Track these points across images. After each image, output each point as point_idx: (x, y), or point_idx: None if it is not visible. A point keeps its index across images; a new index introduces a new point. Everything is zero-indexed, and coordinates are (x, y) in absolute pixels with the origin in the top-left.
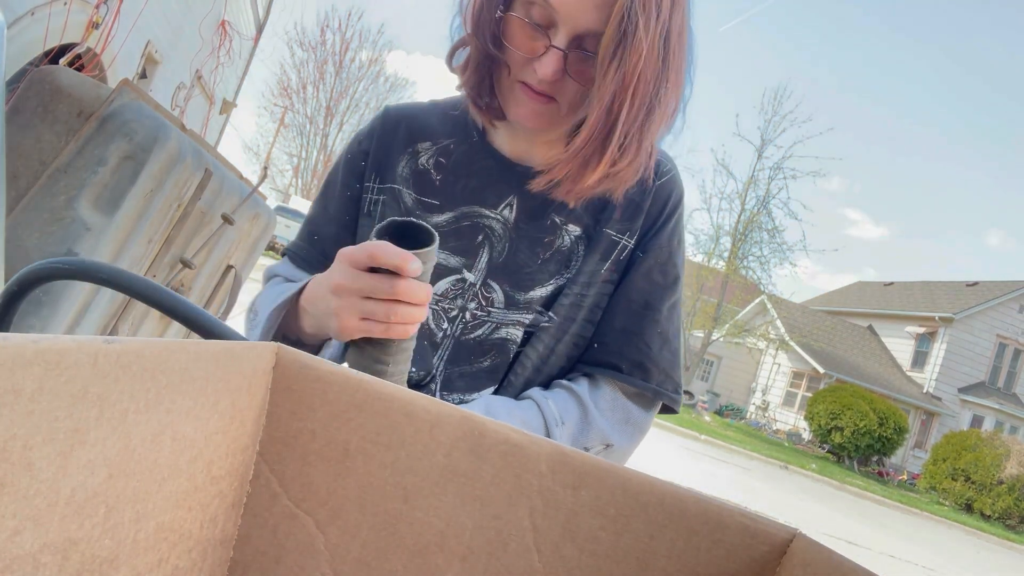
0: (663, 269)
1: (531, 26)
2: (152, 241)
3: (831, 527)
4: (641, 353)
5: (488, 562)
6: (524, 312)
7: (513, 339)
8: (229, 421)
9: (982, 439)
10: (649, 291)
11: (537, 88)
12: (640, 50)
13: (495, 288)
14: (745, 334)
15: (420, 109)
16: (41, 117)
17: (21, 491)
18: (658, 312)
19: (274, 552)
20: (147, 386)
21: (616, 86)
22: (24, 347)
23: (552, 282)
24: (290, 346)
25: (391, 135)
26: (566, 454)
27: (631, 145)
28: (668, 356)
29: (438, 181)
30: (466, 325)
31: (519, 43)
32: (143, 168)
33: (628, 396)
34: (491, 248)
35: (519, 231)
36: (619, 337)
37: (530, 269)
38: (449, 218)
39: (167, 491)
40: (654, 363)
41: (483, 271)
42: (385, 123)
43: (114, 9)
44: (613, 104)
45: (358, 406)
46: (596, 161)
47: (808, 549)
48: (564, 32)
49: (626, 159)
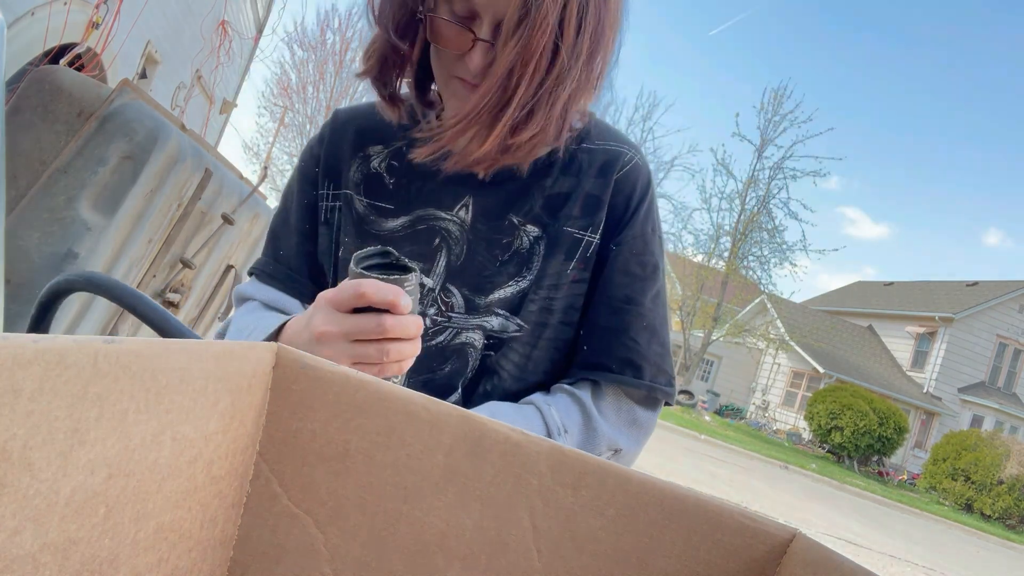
0: (640, 260)
1: (455, 23)
2: (152, 241)
3: (831, 527)
4: (630, 350)
5: (488, 562)
6: (484, 316)
7: (472, 343)
8: (229, 421)
9: (982, 439)
10: (629, 285)
11: (472, 81)
12: (545, 23)
13: (454, 292)
14: (745, 334)
15: (369, 110)
16: (41, 117)
17: (21, 491)
18: (641, 305)
19: (274, 552)
20: (147, 386)
21: (514, 59)
22: (24, 347)
23: (512, 284)
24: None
25: (340, 139)
26: (566, 454)
27: (534, 117)
28: (657, 349)
29: (391, 184)
30: (426, 331)
31: (447, 41)
32: (143, 168)
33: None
34: (448, 251)
35: (476, 232)
36: (605, 336)
37: (488, 272)
38: (404, 222)
39: (167, 491)
40: (644, 359)
41: (441, 275)
42: (335, 127)
43: (114, 9)
44: (511, 77)
45: (358, 406)
46: (486, 132)
47: (808, 549)
48: (487, 22)
49: (528, 131)
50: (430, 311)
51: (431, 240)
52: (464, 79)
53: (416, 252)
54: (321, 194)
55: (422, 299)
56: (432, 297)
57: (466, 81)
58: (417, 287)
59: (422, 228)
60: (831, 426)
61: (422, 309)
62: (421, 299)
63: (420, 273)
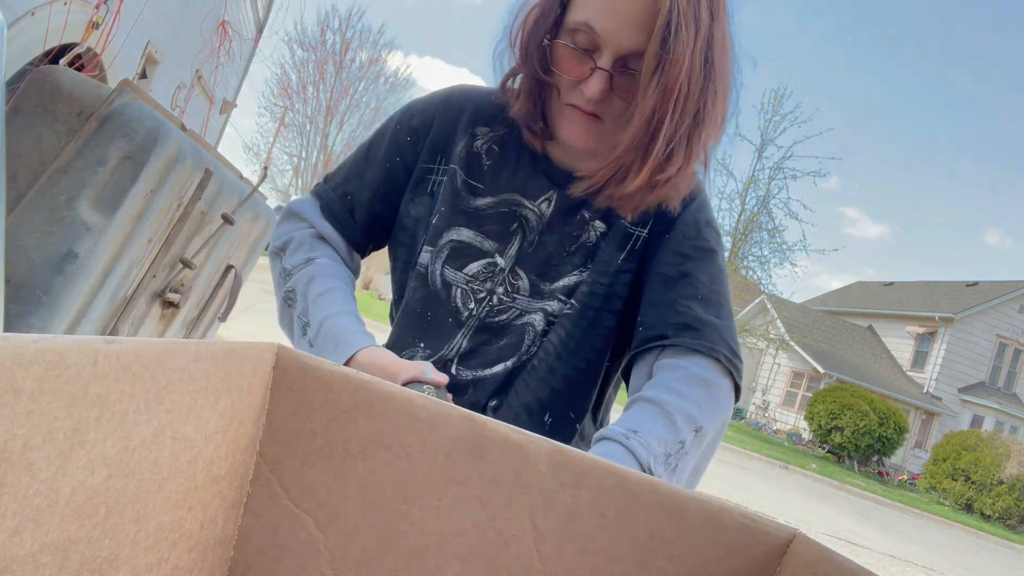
0: (693, 244)
1: (577, 51)
2: (152, 241)
3: (831, 527)
4: (683, 316)
5: (488, 562)
6: (548, 300)
7: (533, 324)
8: (229, 421)
9: (982, 439)
10: (682, 264)
11: (585, 108)
12: (681, 64)
13: (522, 276)
14: (745, 334)
15: (486, 96)
16: (41, 117)
17: (21, 491)
18: (696, 280)
19: (274, 552)
20: (147, 386)
21: (657, 100)
22: (24, 347)
23: (575, 274)
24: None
25: (455, 117)
26: (566, 454)
27: (676, 154)
28: (716, 320)
29: (487, 166)
30: (492, 308)
31: (567, 68)
32: (143, 168)
33: (693, 366)
34: (523, 237)
35: (551, 225)
36: (658, 310)
37: (556, 261)
38: (490, 202)
39: (167, 491)
40: (701, 323)
41: (513, 258)
42: (449, 105)
43: (114, 9)
44: (654, 116)
45: (358, 406)
46: (636, 170)
47: (808, 549)
48: (608, 54)
49: (672, 167)
50: (498, 290)
51: (510, 224)
52: (578, 106)
53: (495, 232)
54: (431, 167)
55: (492, 277)
56: (502, 277)
57: (579, 108)
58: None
59: (504, 211)
60: (831, 426)
61: (491, 287)
62: (491, 277)
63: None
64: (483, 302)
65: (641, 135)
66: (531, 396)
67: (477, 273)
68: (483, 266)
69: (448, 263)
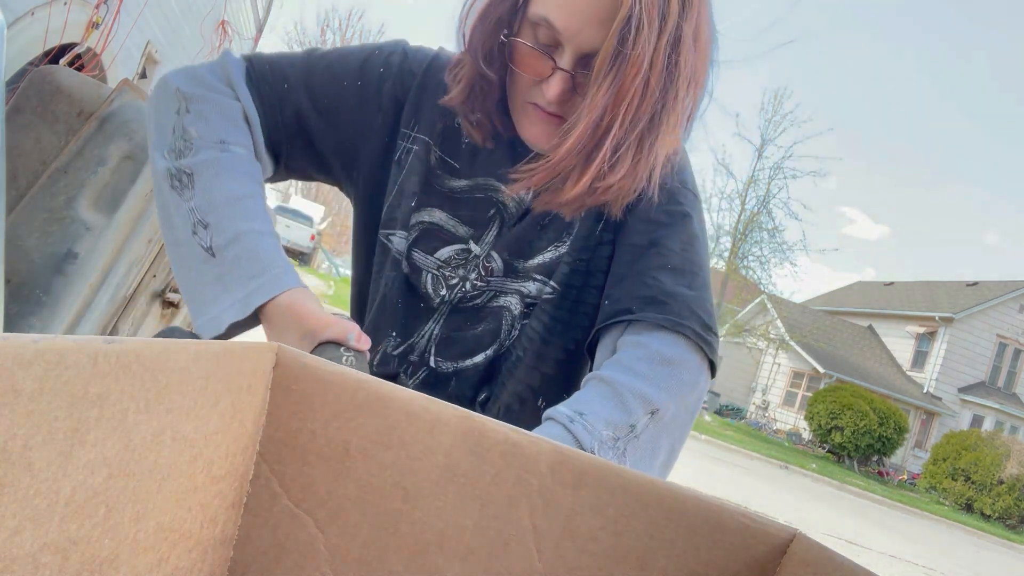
0: (665, 209)
1: (537, 50)
2: (152, 241)
3: (831, 527)
4: (650, 288)
5: (488, 562)
6: (523, 281)
7: (509, 308)
8: (229, 421)
9: (982, 439)
10: (652, 231)
11: (547, 109)
12: (639, 64)
13: (495, 257)
14: (745, 334)
15: None
16: (41, 117)
17: (21, 491)
18: (666, 248)
19: (274, 552)
20: (147, 386)
21: (608, 102)
22: (24, 347)
23: (551, 249)
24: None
25: (436, 84)
26: (566, 454)
27: (622, 163)
28: (686, 291)
29: (464, 144)
30: (465, 295)
31: (526, 66)
32: (143, 168)
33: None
34: (501, 224)
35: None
36: (624, 283)
37: (530, 237)
38: (466, 185)
39: (167, 491)
40: (668, 296)
41: (490, 245)
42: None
43: (114, 9)
44: (603, 120)
45: (358, 406)
46: (577, 175)
47: (808, 549)
48: (569, 52)
49: (615, 176)
50: (471, 276)
51: (487, 210)
52: (538, 104)
53: (470, 218)
54: (404, 132)
55: (465, 264)
56: (476, 263)
57: (540, 107)
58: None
59: (480, 196)
60: (831, 426)
61: (464, 274)
62: (464, 264)
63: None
64: (455, 288)
65: (585, 140)
66: (520, 385)
67: (449, 259)
68: (455, 252)
69: (417, 245)
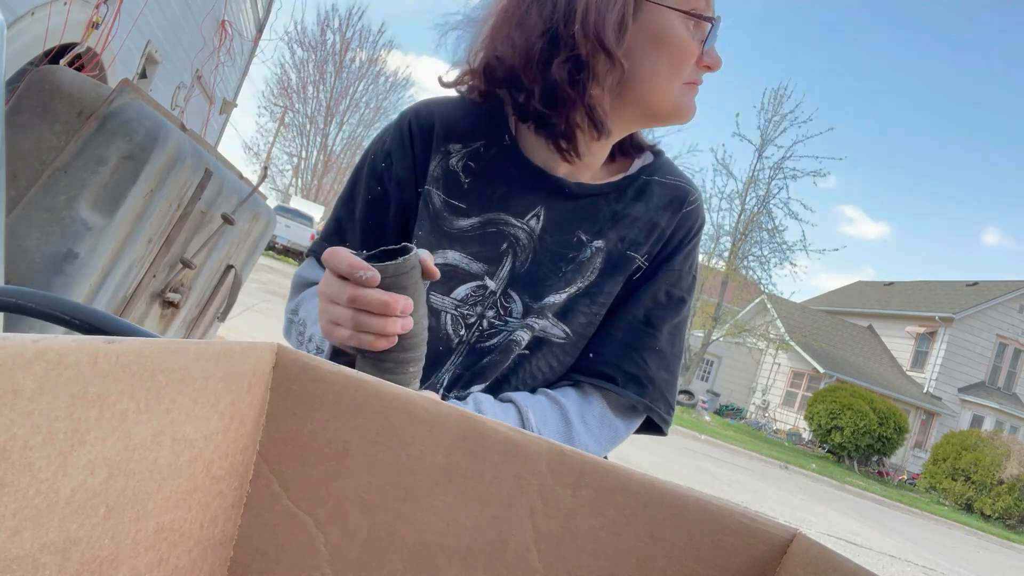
0: (668, 291)
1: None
2: (152, 241)
3: (831, 527)
4: (637, 367)
5: (488, 562)
6: (536, 317)
7: (519, 341)
8: (229, 421)
9: (982, 439)
10: (651, 309)
11: (698, 81)
12: None
13: (515, 299)
14: (745, 334)
15: (451, 106)
16: (41, 117)
17: (21, 491)
18: (658, 331)
19: (274, 552)
20: (147, 386)
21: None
22: (24, 347)
23: (566, 290)
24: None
25: (427, 134)
26: (566, 454)
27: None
28: (665, 376)
29: (466, 184)
30: (482, 333)
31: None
32: (143, 168)
33: (617, 412)
34: (515, 257)
35: (544, 243)
36: (617, 350)
37: (550, 281)
38: (475, 223)
39: (167, 491)
40: (650, 379)
41: (504, 280)
42: (420, 122)
43: (114, 9)
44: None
45: (358, 406)
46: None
47: (808, 549)
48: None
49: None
50: (488, 313)
51: (499, 244)
52: (695, 81)
53: (483, 254)
54: (420, 192)
55: (483, 300)
56: (493, 300)
57: (694, 83)
58: (408, 274)
59: (492, 231)
60: (831, 426)
61: (482, 311)
62: (482, 300)
63: (406, 263)
64: (473, 327)
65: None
66: None
67: (466, 297)
68: (472, 289)
69: (434, 288)
